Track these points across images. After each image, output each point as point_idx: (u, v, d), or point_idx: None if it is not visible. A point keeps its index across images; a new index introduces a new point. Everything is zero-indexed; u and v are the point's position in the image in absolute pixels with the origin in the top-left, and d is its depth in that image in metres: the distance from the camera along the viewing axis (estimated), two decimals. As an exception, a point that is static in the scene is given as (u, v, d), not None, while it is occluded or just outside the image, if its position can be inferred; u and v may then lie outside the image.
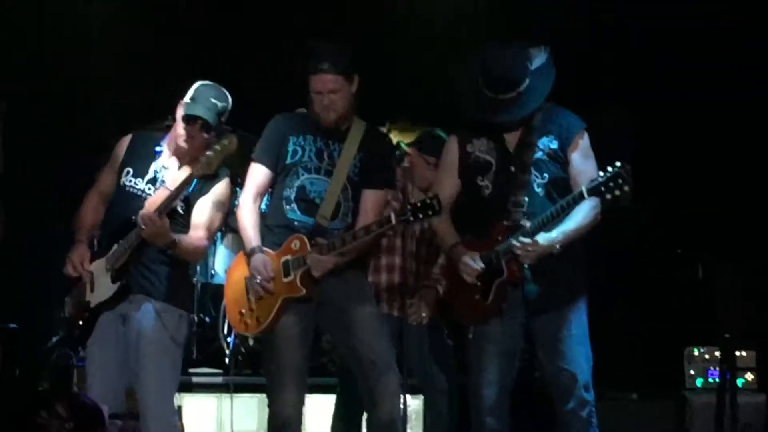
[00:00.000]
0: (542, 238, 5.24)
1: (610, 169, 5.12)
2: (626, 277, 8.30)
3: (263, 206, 5.92)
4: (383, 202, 5.80)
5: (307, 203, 5.63)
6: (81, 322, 5.67)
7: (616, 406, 7.31)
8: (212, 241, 5.64)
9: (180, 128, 5.66)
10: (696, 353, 7.67)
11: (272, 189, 5.79)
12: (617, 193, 5.11)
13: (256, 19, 10.02)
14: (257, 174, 5.76)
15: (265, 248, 5.64)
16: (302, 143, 5.70)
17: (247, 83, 9.80)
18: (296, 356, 5.63)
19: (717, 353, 7.58)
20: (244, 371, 7.91)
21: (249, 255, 5.64)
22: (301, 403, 5.67)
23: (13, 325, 7.65)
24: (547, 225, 5.26)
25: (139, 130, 5.95)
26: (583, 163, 5.42)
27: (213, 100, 5.65)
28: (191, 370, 7.98)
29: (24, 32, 9.27)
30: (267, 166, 5.74)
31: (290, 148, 5.70)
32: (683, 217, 8.42)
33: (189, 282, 5.76)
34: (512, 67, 5.41)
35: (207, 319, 8.36)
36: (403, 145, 6.34)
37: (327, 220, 5.59)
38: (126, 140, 5.86)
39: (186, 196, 5.59)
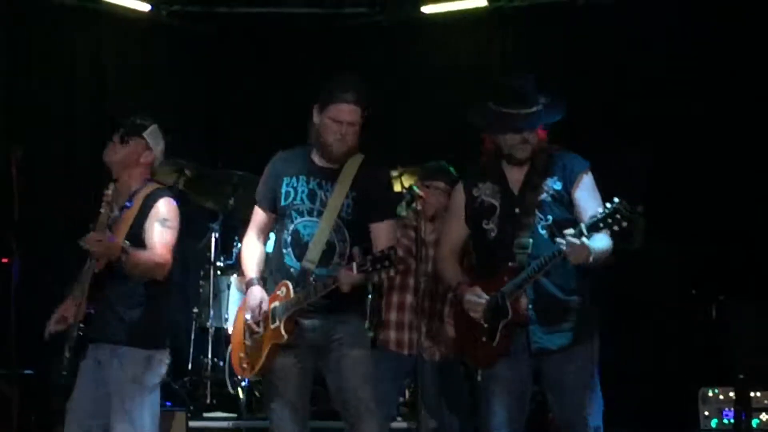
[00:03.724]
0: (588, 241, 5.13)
1: (608, 205, 5.09)
2: (640, 318, 8.29)
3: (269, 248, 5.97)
4: (394, 231, 5.78)
5: (301, 248, 5.63)
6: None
7: (631, 448, 7.29)
8: (171, 258, 5.65)
9: None
10: (711, 394, 7.62)
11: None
12: (616, 228, 5.06)
13: (270, 67, 10.16)
14: (258, 217, 5.85)
15: None
16: (295, 184, 5.69)
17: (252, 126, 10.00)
18: (296, 396, 5.66)
19: (732, 394, 7.54)
20: (258, 415, 7.91)
21: (247, 286, 5.70)
22: None
23: (29, 371, 7.67)
24: (548, 265, 5.25)
25: None
26: (587, 202, 5.38)
27: None
28: (206, 415, 8.00)
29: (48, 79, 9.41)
30: (266, 208, 5.80)
31: (283, 189, 5.71)
32: (697, 257, 8.42)
33: (159, 318, 5.69)
34: (525, 86, 5.46)
35: (221, 363, 8.37)
36: (415, 188, 6.37)
37: (314, 264, 5.58)
38: None
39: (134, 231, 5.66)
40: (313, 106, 5.69)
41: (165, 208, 5.68)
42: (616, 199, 5.09)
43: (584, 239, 5.09)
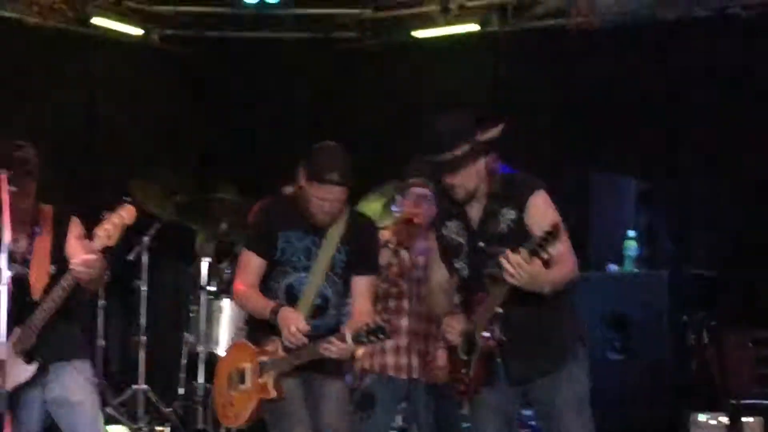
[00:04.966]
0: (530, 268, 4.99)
1: (542, 233, 4.98)
2: (632, 342, 8.26)
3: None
4: (374, 287, 5.85)
5: (293, 303, 5.63)
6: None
7: (622, 473, 7.27)
8: None
9: None
10: (702, 419, 7.61)
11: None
12: (550, 251, 4.97)
13: (261, 91, 10.16)
14: (253, 264, 5.73)
15: (246, 341, 5.76)
16: (290, 239, 5.68)
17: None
18: (305, 414, 5.60)
19: (723, 419, 7.52)
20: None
21: (275, 313, 5.53)
22: None
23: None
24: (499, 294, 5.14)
25: None
26: (538, 224, 5.19)
27: None
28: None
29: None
30: (261, 255, 5.71)
31: (279, 244, 5.68)
32: (690, 282, 8.42)
33: (81, 329, 5.93)
34: (442, 130, 5.28)
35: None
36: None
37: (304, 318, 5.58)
38: None
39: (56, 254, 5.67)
40: (300, 168, 5.71)
41: (79, 226, 5.72)
42: (547, 227, 4.97)
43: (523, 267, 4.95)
